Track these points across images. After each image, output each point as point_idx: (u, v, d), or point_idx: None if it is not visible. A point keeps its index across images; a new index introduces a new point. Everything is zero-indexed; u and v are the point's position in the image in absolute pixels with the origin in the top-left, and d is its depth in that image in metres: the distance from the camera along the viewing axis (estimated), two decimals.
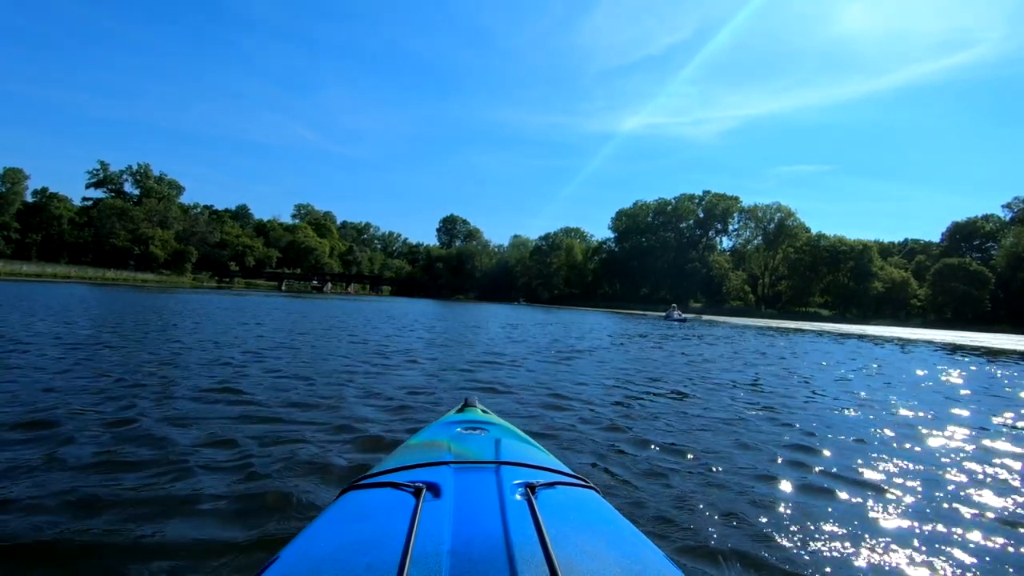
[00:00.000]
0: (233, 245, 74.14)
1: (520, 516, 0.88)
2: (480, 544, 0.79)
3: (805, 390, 6.65)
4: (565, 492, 1.08)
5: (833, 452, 3.67)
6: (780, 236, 74.87)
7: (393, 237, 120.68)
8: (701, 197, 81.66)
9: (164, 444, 2.96)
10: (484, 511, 0.91)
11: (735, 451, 3.57)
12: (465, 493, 0.99)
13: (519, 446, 1.36)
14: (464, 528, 0.84)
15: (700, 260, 77.36)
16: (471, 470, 1.11)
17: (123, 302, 17.35)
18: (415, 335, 11.57)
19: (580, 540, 0.84)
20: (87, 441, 2.95)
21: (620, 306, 69.00)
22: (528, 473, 1.12)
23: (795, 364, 9.96)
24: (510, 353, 8.97)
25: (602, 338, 13.92)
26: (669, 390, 6.00)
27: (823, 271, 70.83)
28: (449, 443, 1.31)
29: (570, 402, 4.92)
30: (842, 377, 8.30)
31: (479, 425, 1.58)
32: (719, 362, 9.54)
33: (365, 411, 4.08)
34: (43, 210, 60.00)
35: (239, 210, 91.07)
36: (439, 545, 0.78)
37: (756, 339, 17.73)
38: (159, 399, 4.05)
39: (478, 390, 5.30)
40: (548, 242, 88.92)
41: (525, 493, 0.98)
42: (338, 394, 4.63)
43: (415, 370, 6.50)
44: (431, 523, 0.85)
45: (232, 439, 3.12)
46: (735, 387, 6.53)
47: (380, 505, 0.98)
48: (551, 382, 6.08)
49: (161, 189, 71.28)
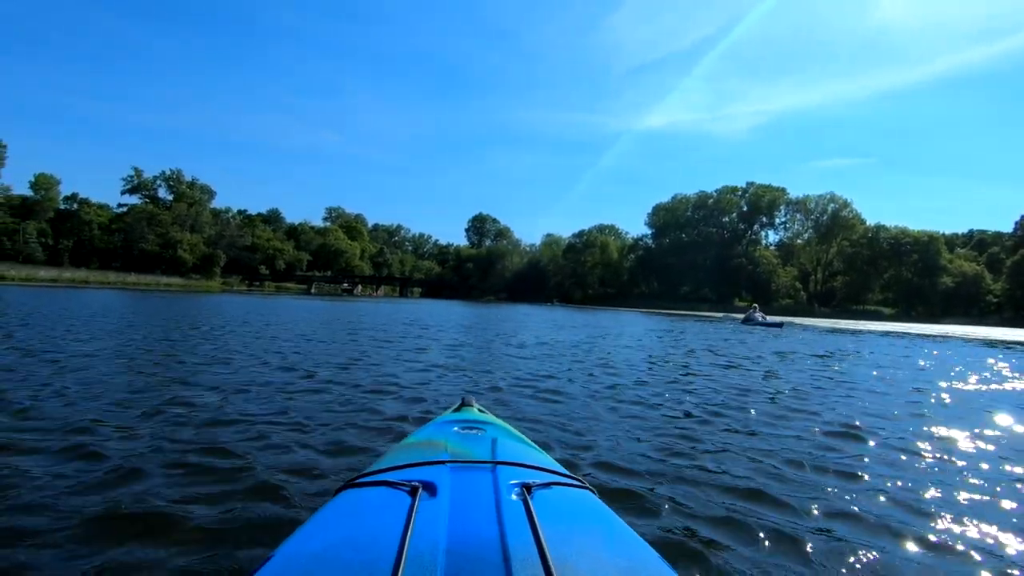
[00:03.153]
0: (264, 248, 73.79)
1: (516, 516, 0.88)
2: (475, 543, 0.79)
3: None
4: (561, 492, 1.08)
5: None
6: (834, 228, 69.47)
7: (424, 239, 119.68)
8: (744, 189, 76.82)
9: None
10: (480, 511, 0.91)
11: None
12: (461, 492, 0.98)
13: (516, 446, 1.36)
14: (460, 527, 0.84)
15: (745, 256, 72.68)
16: (467, 469, 1.10)
17: (132, 311, 15.25)
18: (430, 360, 8.59)
19: (576, 540, 0.85)
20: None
21: (659, 306, 64.98)
22: (524, 473, 1.11)
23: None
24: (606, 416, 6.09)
25: (699, 359, 8.62)
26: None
27: (883, 265, 65.22)
28: (446, 442, 1.30)
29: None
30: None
31: (476, 425, 1.56)
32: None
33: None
34: (74, 216, 60.26)
35: (271, 214, 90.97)
36: (434, 544, 0.78)
37: (915, 349, 14.33)
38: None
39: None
40: (581, 240, 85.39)
41: (521, 493, 0.98)
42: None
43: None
44: (427, 522, 0.85)
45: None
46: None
47: (376, 504, 0.98)
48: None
49: (192, 194, 71.31)
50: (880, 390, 6.22)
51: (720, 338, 14.60)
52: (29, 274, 41.76)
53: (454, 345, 9.32)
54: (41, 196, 59.68)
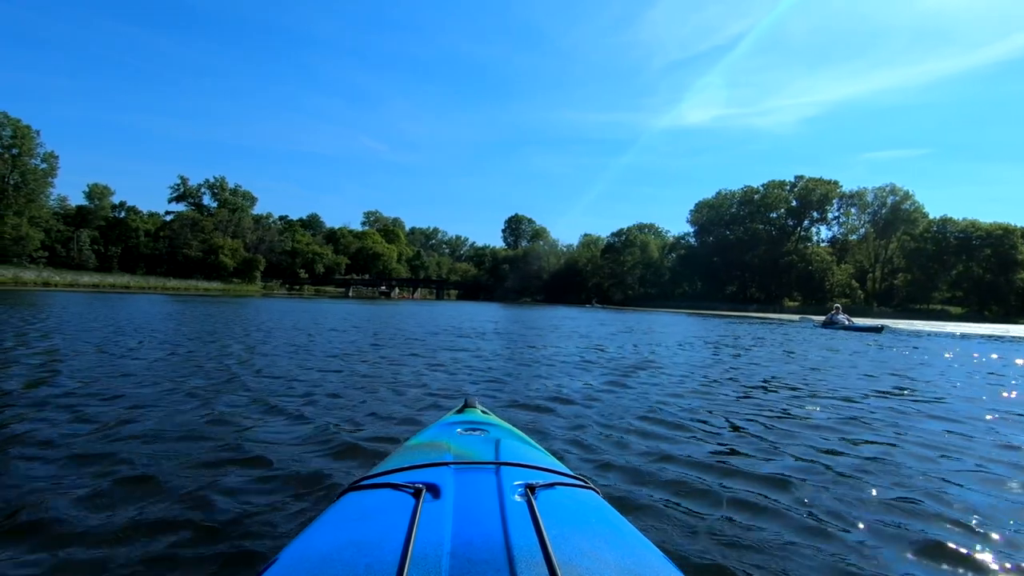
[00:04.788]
0: (304, 253, 74.81)
1: (520, 517, 0.88)
2: (480, 545, 0.79)
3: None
4: (565, 493, 1.07)
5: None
6: (894, 222, 64.94)
7: (460, 241, 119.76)
8: (793, 183, 72.89)
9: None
10: (484, 512, 0.91)
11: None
12: (465, 494, 0.98)
13: (519, 447, 1.34)
14: (464, 529, 0.84)
15: (795, 253, 68.89)
16: (471, 471, 1.10)
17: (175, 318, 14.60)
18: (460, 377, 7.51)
19: (580, 541, 0.84)
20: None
21: (703, 307, 62.02)
22: (528, 474, 1.10)
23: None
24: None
25: (850, 383, 6.28)
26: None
27: (950, 261, 60.47)
28: (449, 444, 1.30)
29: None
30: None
31: (479, 426, 1.55)
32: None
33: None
34: (122, 223, 62.30)
35: (310, 219, 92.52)
36: (439, 546, 0.78)
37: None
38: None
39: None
40: (621, 239, 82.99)
41: (525, 494, 0.98)
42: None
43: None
44: (431, 524, 0.85)
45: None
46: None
47: (380, 506, 0.98)
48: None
49: (235, 200, 73.03)
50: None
51: (821, 346, 12.62)
52: (73, 280, 42.86)
53: (498, 374, 7.99)
54: (95, 205, 62.16)
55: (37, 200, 50.67)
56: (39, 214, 50.59)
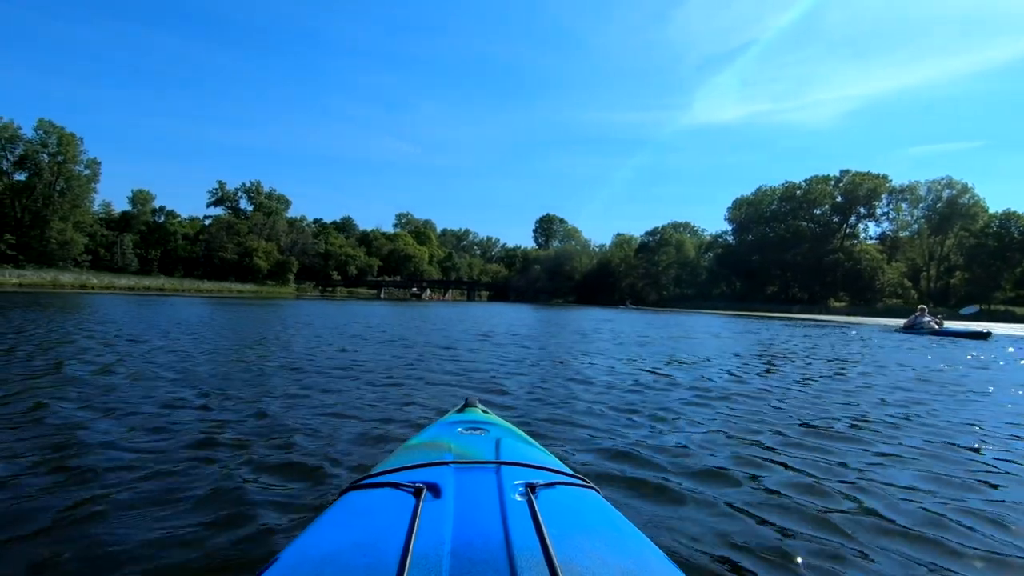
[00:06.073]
0: (337, 255, 75.53)
1: (520, 516, 0.88)
2: (480, 544, 0.79)
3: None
4: (566, 492, 1.07)
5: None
6: (951, 217, 61.00)
7: (491, 242, 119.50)
8: (838, 178, 69.53)
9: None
10: (484, 511, 0.91)
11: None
12: (465, 493, 0.98)
13: (520, 446, 1.34)
14: (464, 528, 0.84)
15: (841, 251, 65.59)
16: (471, 470, 1.10)
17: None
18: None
19: (580, 540, 0.84)
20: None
21: (742, 307, 59.39)
22: (529, 473, 1.10)
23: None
24: None
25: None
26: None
27: (1015, 258, 56.38)
28: (450, 443, 1.29)
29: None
30: None
31: (480, 425, 1.54)
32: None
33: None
34: (161, 227, 63.93)
35: (343, 221, 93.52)
36: (439, 546, 0.78)
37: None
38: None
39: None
40: (655, 238, 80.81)
41: (525, 493, 0.98)
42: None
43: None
44: (431, 523, 0.85)
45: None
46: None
47: (380, 505, 0.98)
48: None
49: (271, 204, 74.24)
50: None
51: (927, 363, 11.12)
52: (110, 282, 43.76)
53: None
54: (138, 210, 64.04)
55: (81, 205, 52.27)
56: (83, 219, 52.16)
